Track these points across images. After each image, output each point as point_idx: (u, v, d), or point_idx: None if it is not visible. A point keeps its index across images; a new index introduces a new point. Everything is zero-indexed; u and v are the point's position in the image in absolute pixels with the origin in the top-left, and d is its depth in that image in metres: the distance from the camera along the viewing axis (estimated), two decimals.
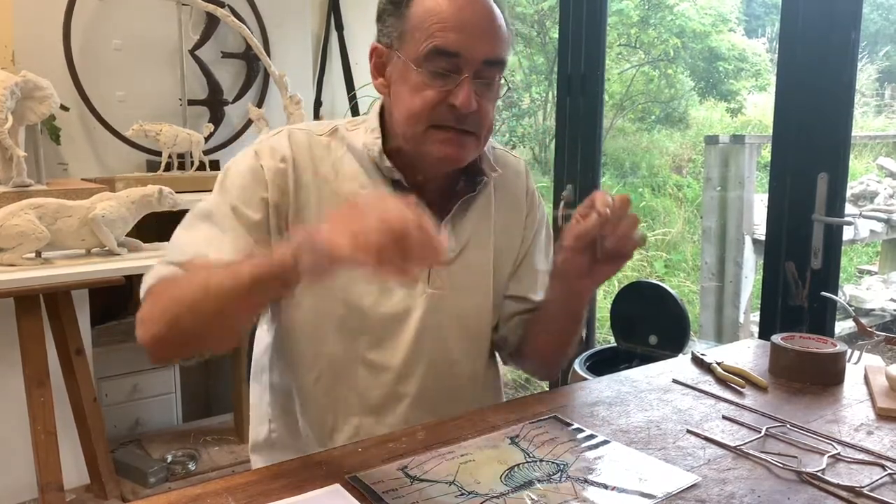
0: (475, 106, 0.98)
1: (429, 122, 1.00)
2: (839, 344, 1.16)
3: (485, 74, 1.00)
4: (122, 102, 2.66)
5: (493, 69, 1.01)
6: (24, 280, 1.84)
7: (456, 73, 0.98)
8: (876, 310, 4.51)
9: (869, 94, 7.38)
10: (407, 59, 0.99)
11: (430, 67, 0.98)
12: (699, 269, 4.29)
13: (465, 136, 1.01)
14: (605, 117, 2.88)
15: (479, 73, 0.99)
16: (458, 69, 0.98)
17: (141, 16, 2.68)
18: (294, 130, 1.08)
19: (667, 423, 0.97)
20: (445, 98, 0.98)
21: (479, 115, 1.00)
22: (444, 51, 0.97)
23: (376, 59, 1.06)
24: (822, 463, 0.85)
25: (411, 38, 0.99)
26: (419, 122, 1.00)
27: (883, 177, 5.20)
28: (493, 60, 1.00)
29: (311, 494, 0.78)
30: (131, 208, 2.06)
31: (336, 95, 3.28)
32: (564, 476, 0.82)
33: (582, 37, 2.47)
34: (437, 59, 0.97)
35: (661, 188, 6.98)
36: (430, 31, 0.97)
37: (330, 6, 3.21)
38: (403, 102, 1.01)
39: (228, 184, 1.03)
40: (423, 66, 0.98)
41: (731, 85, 7.33)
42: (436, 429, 0.95)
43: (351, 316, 1.04)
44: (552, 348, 1.15)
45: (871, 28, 7.62)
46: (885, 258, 5.34)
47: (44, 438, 1.94)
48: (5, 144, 2.11)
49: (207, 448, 2.55)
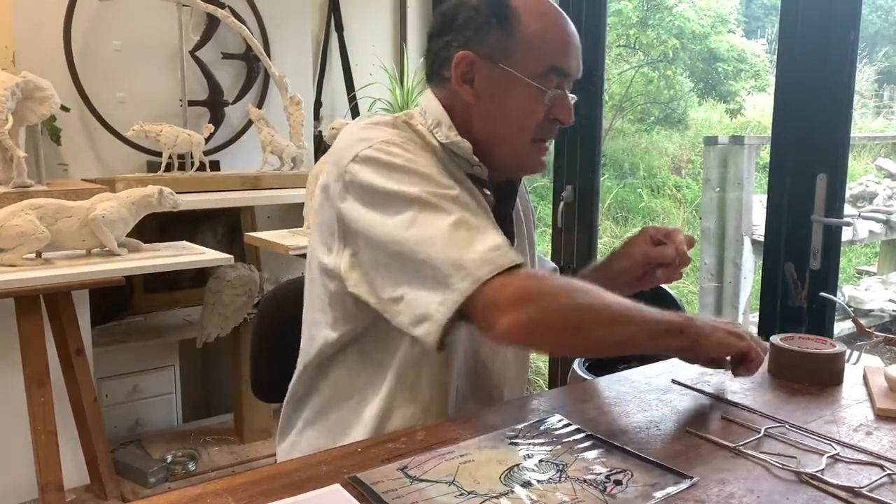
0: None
1: (534, 135, 1.07)
2: (838, 344, 1.16)
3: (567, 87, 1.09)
4: (122, 103, 2.66)
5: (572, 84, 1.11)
6: (25, 280, 1.84)
7: (560, 90, 1.07)
8: (875, 310, 4.51)
9: (868, 94, 7.39)
10: (518, 74, 1.04)
11: (548, 86, 1.05)
12: (698, 269, 4.29)
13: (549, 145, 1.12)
14: (605, 118, 2.88)
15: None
16: (561, 87, 1.07)
17: (141, 17, 2.68)
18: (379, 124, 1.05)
19: (666, 424, 0.97)
20: (549, 113, 1.07)
21: None
22: (562, 71, 1.06)
23: (465, 67, 1.05)
24: (821, 463, 0.85)
25: (526, 55, 1.04)
26: (528, 136, 1.07)
27: (882, 178, 5.21)
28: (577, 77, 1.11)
29: (310, 494, 0.78)
30: (131, 209, 2.06)
31: (336, 96, 3.28)
32: (563, 476, 0.82)
33: (581, 37, 2.47)
34: (553, 77, 1.05)
35: (661, 189, 6.99)
36: (551, 51, 1.05)
37: (330, 7, 3.22)
38: (510, 116, 1.07)
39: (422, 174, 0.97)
40: (543, 83, 1.05)
41: (730, 86, 7.34)
42: (435, 429, 0.95)
43: None
44: None
45: (870, 29, 7.62)
46: (884, 259, 5.35)
47: (44, 438, 1.94)
48: (6, 145, 2.11)
49: (207, 448, 2.55)
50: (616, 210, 6.56)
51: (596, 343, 0.96)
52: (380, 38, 3.41)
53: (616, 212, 6.55)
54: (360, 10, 3.31)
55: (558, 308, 0.90)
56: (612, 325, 0.93)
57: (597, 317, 0.92)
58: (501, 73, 1.04)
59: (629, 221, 6.47)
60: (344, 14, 3.24)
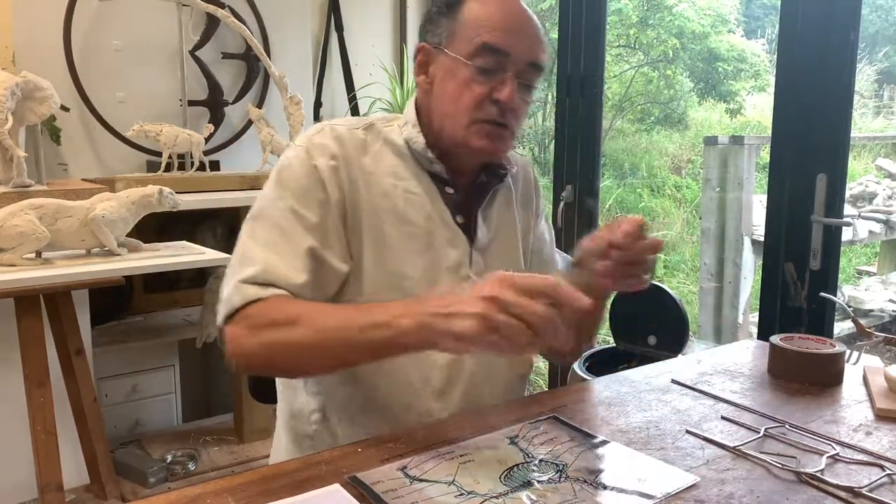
0: (517, 102, 1.06)
1: (473, 116, 1.06)
2: (838, 344, 1.16)
3: (526, 76, 1.07)
4: (122, 103, 2.66)
5: (535, 73, 1.08)
6: (24, 280, 1.84)
7: (501, 71, 1.05)
8: (875, 310, 4.51)
9: (868, 95, 7.39)
10: (457, 56, 1.06)
11: (478, 63, 1.04)
12: (698, 269, 4.29)
13: (503, 130, 1.08)
14: (605, 118, 2.88)
15: (522, 74, 1.06)
16: (503, 67, 1.05)
17: (141, 17, 2.68)
18: (335, 126, 1.11)
19: (666, 424, 0.97)
20: (490, 94, 1.05)
21: (514, 114, 1.08)
22: (493, 48, 1.04)
23: (422, 57, 1.12)
24: (820, 463, 0.85)
25: (462, 36, 1.06)
26: (464, 115, 1.06)
27: (882, 178, 5.21)
28: (536, 64, 1.08)
29: (310, 494, 0.78)
30: (131, 209, 2.06)
31: (336, 96, 3.28)
32: (563, 476, 0.82)
33: (581, 37, 2.48)
34: (486, 55, 1.04)
35: (661, 189, 6.98)
36: (482, 29, 1.05)
37: (330, 7, 3.22)
38: (449, 97, 1.08)
39: (285, 185, 1.05)
40: (473, 61, 1.04)
41: (730, 85, 7.34)
42: (435, 429, 0.95)
43: None
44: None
45: (870, 29, 7.62)
46: (884, 259, 5.34)
47: (44, 438, 1.94)
48: (5, 145, 2.11)
49: (207, 448, 2.55)
50: (616, 210, 6.56)
51: (295, 370, 1.02)
52: (380, 37, 3.41)
53: (616, 212, 6.55)
54: (360, 9, 3.31)
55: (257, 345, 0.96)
56: (305, 355, 0.95)
57: (292, 350, 0.94)
58: (445, 58, 1.08)
59: None
60: (344, 14, 3.24)
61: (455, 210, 1.13)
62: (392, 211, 1.09)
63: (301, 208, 1.03)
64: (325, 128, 1.10)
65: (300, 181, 1.04)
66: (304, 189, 1.04)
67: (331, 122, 1.13)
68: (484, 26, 1.05)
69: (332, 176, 1.05)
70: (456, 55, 1.06)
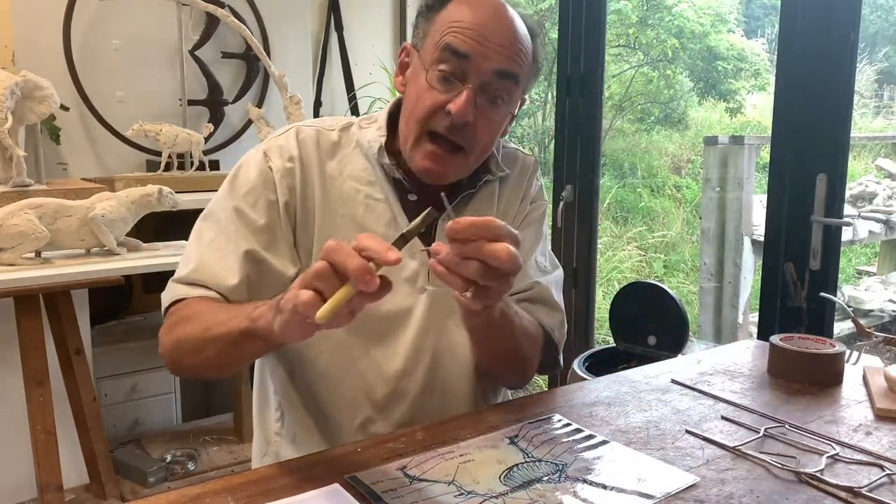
0: (470, 118, 0.97)
1: (424, 126, 0.99)
2: (838, 344, 1.16)
3: (492, 89, 0.98)
4: (121, 102, 2.66)
5: (504, 83, 0.99)
6: (24, 280, 1.84)
7: (462, 79, 0.97)
8: (874, 310, 4.51)
9: (868, 95, 7.39)
10: (423, 59, 1.00)
11: (439, 68, 0.97)
12: (698, 269, 4.30)
13: (452, 152, 1.00)
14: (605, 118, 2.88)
15: (487, 87, 0.98)
16: (464, 75, 0.97)
17: (141, 16, 2.68)
18: (302, 127, 1.09)
19: (665, 424, 0.97)
20: (445, 104, 0.97)
21: (473, 131, 0.99)
22: (454, 50, 0.96)
23: (403, 56, 1.07)
24: (820, 463, 0.85)
25: (431, 38, 1.00)
26: (416, 125, 1.00)
27: (881, 178, 5.21)
28: (503, 72, 0.98)
29: (310, 494, 0.78)
30: (131, 208, 2.06)
31: (336, 96, 3.28)
32: (563, 476, 0.82)
33: (581, 37, 2.48)
34: (448, 59, 0.97)
35: (660, 189, 6.98)
36: (448, 30, 0.97)
37: (330, 6, 3.22)
38: (410, 102, 1.02)
39: (236, 185, 1.05)
40: (433, 67, 0.98)
41: (730, 84, 7.34)
42: (435, 429, 0.95)
43: None
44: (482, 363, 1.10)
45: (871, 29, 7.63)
46: (884, 259, 5.35)
47: (43, 438, 1.94)
48: (5, 144, 2.11)
49: (207, 448, 2.55)
50: (616, 210, 6.56)
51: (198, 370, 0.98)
52: (379, 37, 3.41)
53: (616, 212, 6.55)
54: (360, 9, 3.32)
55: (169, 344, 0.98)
56: (198, 351, 0.93)
57: (188, 346, 0.95)
58: (416, 59, 1.03)
59: (629, 221, 6.47)
60: (344, 13, 3.24)
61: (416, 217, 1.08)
62: (350, 217, 1.05)
63: (248, 209, 1.02)
64: (293, 129, 1.08)
65: (252, 182, 1.03)
66: (255, 190, 1.03)
67: (305, 122, 1.11)
68: (451, 28, 0.97)
69: (284, 178, 1.03)
70: (422, 58, 1.00)
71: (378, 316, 1.05)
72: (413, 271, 1.07)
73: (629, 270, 5.60)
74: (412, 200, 1.07)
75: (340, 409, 1.07)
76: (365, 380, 1.06)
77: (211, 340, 0.91)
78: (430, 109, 0.98)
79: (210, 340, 0.91)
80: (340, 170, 1.07)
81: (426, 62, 0.99)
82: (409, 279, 1.06)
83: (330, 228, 1.04)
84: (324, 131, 1.09)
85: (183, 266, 1.02)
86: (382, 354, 1.06)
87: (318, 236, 1.04)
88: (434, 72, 0.98)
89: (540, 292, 1.14)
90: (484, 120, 0.99)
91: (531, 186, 1.20)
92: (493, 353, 1.06)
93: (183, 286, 1.00)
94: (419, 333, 1.06)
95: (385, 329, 1.06)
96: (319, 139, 1.08)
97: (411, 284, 1.06)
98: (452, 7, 0.99)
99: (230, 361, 0.93)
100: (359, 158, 1.08)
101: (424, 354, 1.07)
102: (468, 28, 0.96)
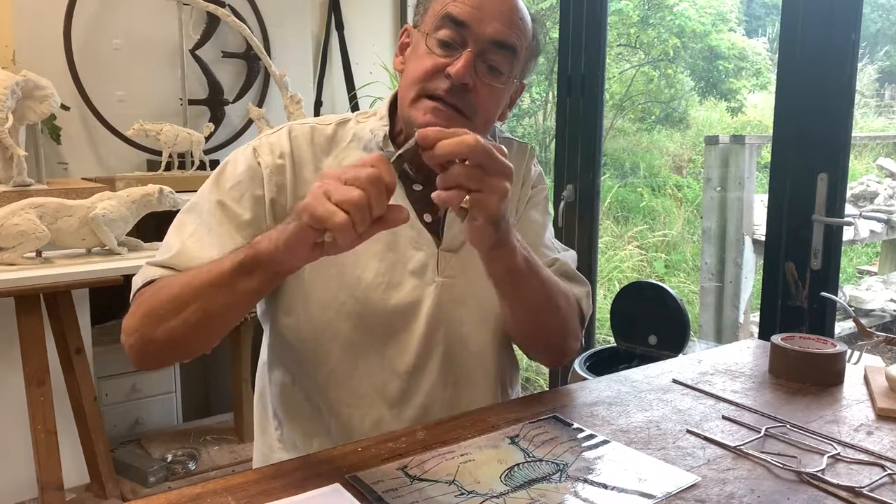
0: (469, 80, 0.97)
1: (422, 90, 0.99)
2: (839, 344, 1.16)
3: (492, 57, 0.99)
4: (122, 102, 2.66)
5: (501, 53, 0.99)
6: (25, 279, 1.84)
7: (462, 46, 0.98)
8: (876, 310, 4.51)
9: (869, 94, 7.38)
10: (423, 30, 1.01)
11: (438, 35, 0.98)
12: (699, 269, 4.29)
13: (454, 112, 0.99)
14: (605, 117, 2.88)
15: (486, 54, 0.99)
16: (464, 42, 0.98)
17: (141, 15, 2.68)
18: (295, 126, 1.08)
19: (666, 423, 0.97)
20: (444, 68, 0.97)
21: (474, 97, 0.99)
22: (453, 18, 0.97)
23: (403, 38, 1.07)
24: (821, 463, 0.85)
25: (432, 11, 1.00)
26: (413, 87, 0.99)
27: (883, 177, 5.20)
28: (501, 42, 0.99)
29: (310, 494, 0.77)
30: (131, 208, 2.06)
31: (336, 95, 3.28)
32: (564, 476, 0.82)
33: (582, 37, 2.47)
34: (446, 26, 0.98)
35: (661, 188, 6.98)
36: (447, 2, 0.98)
37: (330, 6, 3.21)
38: (408, 73, 1.02)
39: (222, 179, 1.04)
40: (433, 34, 0.98)
41: (731, 84, 7.34)
42: (436, 428, 0.95)
43: (361, 309, 1.03)
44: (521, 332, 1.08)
45: (872, 28, 7.62)
46: (885, 259, 5.34)
47: (44, 438, 1.94)
48: (6, 144, 2.11)
49: (207, 448, 2.55)
50: (616, 209, 6.56)
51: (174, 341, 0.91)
52: (380, 36, 3.40)
53: (616, 211, 6.55)
54: (361, 8, 3.31)
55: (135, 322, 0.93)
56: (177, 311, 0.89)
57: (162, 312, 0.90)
58: (416, 35, 1.03)
59: (630, 221, 6.47)
60: (344, 13, 3.24)
61: (422, 208, 1.06)
62: None
63: (233, 203, 1.01)
64: (285, 127, 1.08)
65: (239, 177, 1.03)
66: (241, 185, 1.02)
67: (299, 121, 1.10)
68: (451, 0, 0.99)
69: (273, 175, 1.02)
70: (422, 30, 1.01)
71: (386, 311, 1.04)
72: (420, 264, 1.05)
73: (630, 270, 5.60)
74: (417, 190, 1.07)
75: (351, 407, 1.06)
76: (376, 377, 1.05)
77: (195, 290, 0.88)
78: (430, 71, 0.98)
79: (194, 291, 0.88)
80: (337, 165, 1.06)
81: (426, 31, 1.00)
82: (415, 272, 1.05)
83: None
84: (318, 127, 1.08)
85: (161, 253, 1.00)
86: (393, 350, 1.05)
87: None
88: (433, 38, 0.99)
89: (561, 267, 1.14)
90: (484, 87, 0.99)
91: (530, 171, 1.20)
92: (526, 309, 1.01)
93: (158, 269, 0.98)
94: (429, 327, 1.05)
95: (394, 324, 1.05)
96: (314, 136, 1.07)
97: (419, 277, 1.05)
98: None
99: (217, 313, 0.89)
100: (355, 153, 1.07)
101: (436, 348, 1.06)
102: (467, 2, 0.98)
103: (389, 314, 1.04)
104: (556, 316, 1.05)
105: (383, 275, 1.03)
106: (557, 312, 1.04)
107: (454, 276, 1.06)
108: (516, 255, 0.92)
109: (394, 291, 1.04)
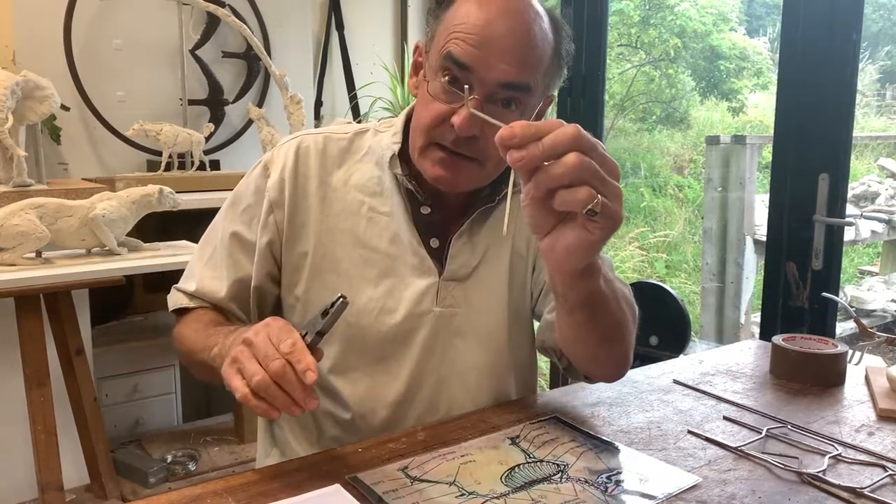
0: (474, 131, 0.90)
1: (429, 138, 0.94)
2: (840, 345, 1.16)
3: (500, 98, 0.91)
4: (122, 102, 2.66)
5: (512, 93, 0.91)
6: (25, 280, 1.84)
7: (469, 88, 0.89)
8: (877, 310, 4.50)
9: (870, 94, 7.38)
10: (429, 66, 0.95)
11: (441, 77, 0.91)
12: (700, 269, 4.29)
13: (461, 160, 0.94)
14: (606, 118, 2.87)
15: (494, 97, 0.91)
16: (470, 86, 0.89)
17: (141, 16, 2.68)
18: (307, 137, 1.05)
19: (667, 424, 0.97)
20: (450, 115, 0.91)
21: (484, 141, 0.91)
22: (455, 60, 0.90)
23: (416, 56, 1.01)
24: (822, 464, 0.85)
25: (437, 42, 0.93)
26: (421, 135, 0.95)
27: (884, 177, 5.20)
28: (509, 84, 0.90)
29: (311, 494, 0.77)
30: (132, 208, 2.06)
31: (336, 95, 3.28)
32: (565, 477, 0.82)
33: (582, 37, 2.47)
34: (450, 67, 0.91)
35: (662, 189, 6.98)
36: (451, 36, 0.90)
37: (330, 6, 3.21)
38: (418, 109, 0.97)
39: (236, 204, 1.07)
40: (437, 76, 0.92)
41: (732, 84, 7.34)
42: (436, 429, 0.95)
43: (351, 334, 1.01)
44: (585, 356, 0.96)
45: (873, 28, 7.62)
46: (886, 259, 5.34)
47: (44, 438, 1.93)
48: (6, 144, 2.11)
49: (207, 448, 2.54)
50: None
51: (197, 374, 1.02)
52: (380, 36, 3.40)
53: None
54: (361, 8, 3.31)
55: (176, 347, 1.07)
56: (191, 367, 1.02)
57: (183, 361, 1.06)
58: (427, 61, 0.97)
59: (630, 221, 6.46)
60: (344, 13, 3.23)
61: (429, 232, 1.02)
62: (350, 233, 1.01)
63: (245, 230, 1.04)
64: (295, 139, 1.05)
65: (248, 200, 1.05)
66: (251, 208, 1.05)
67: (314, 129, 1.09)
68: (454, 32, 0.90)
69: (275, 193, 1.02)
70: (429, 64, 0.95)
71: (377, 337, 1.01)
72: (419, 291, 1.01)
73: (631, 270, 5.60)
74: (425, 214, 1.01)
75: (337, 431, 1.04)
76: (365, 405, 1.02)
77: (195, 361, 0.98)
78: (435, 121, 0.93)
79: (194, 361, 0.99)
80: (346, 179, 1.03)
81: (430, 71, 0.94)
82: (413, 299, 1.00)
83: (327, 247, 1.01)
84: (333, 137, 1.05)
85: (186, 279, 1.09)
86: (382, 379, 1.02)
87: (315, 251, 1.01)
88: (436, 82, 0.92)
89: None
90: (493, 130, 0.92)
91: None
92: (598, 333, 0.88)
93: (184, 297, 1.07)
94: (422, 357, 1.01)
95: (384, 352, 1.01)
96: (326, 146, 1.04)
97: (416, 305, 1.00)
98: (459, 5, 0.92)
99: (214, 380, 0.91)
100: (367, 167, 1.03)
101: (427, 379, 1.02)
102: (471, 33, 0.89)
103: (380, 340, 1.01)
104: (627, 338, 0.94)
105: (377, 300, 1.00)
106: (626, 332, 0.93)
107: (455, 307, 1.02)
108: (600, 278, 0.80)
109: (387, 317, 1.00)
